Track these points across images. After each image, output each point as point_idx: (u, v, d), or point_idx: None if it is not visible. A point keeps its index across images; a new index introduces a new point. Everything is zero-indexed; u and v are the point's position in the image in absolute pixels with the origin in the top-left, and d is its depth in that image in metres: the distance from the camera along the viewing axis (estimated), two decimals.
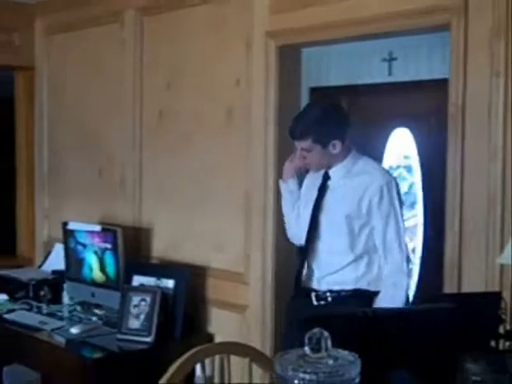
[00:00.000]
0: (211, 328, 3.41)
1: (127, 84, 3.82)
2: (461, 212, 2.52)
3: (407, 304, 2.54)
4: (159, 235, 3.69)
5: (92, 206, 4.04)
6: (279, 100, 3.08)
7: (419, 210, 4.12)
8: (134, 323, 3.18)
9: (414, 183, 4.15)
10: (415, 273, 4.13)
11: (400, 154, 4.20)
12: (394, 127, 4.17)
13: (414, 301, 4.08)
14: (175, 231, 3.61)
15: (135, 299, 3.22)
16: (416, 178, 4.14)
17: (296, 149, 2.62)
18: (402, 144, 4.17)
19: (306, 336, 1.25)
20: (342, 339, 1.28)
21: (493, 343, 1.61)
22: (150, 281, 3.32)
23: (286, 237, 2.86)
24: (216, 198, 3.40)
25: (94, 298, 3.57)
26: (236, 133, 3.28)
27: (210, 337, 3.37)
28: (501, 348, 1.64)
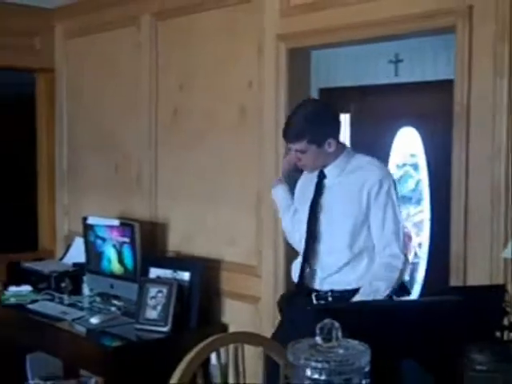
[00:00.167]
0: (225, 318, 3.46)
1: (143, 85, 3.89)
2: (466, 208, 2.56)
3: (401, 292, 2.50)
4: (174, 229, 3.75)
5: (110, 202, 4.11)
6: (289, 101, 3.11)
7: (426, 206, 4.14)
8: (152, 314, 3.23)
9: (421, 180, 4.17)
10: (422, 267, 4.16)
11: (406, 153, 4.21)
12: (401, 126, 4.18)
13: (422, 294, 4.16)
14: (190, 226, 3.66)
15: (152, 291, 3.27)
16: (422, 176, 4.16)
17: (289, 150, 2.60)
18: (409, 143, 4.18)
19: (318, 326, 1.27)
20: (352, 330, 1.29)
21: (497, 334, 1.61)
22: (167, 273, 3.37)
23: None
24: (228, 195, 3.45)
25: (113, 290, 3.61)
26: (248, 132, 3.33)
27: (224, 327, 3.41)
28: (505, 339, 1.65)
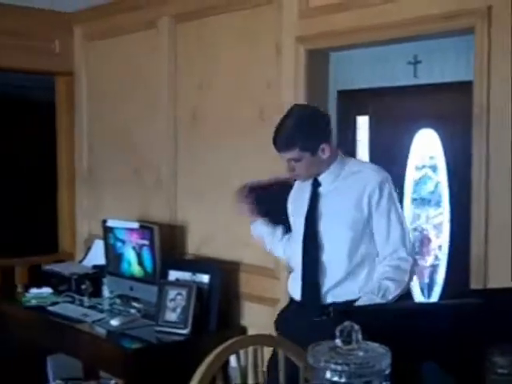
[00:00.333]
0: (244, 321, 3.46)
1: (162, 88, 3.91)
2: (486, 210, 2.55)
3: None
4: (194, 232, 3.76)
5: (130, 204, 4.13)
6: (308, 103, 3.09)
7: (445, 209, 4.12)
8: (171, 316, 3.23)
9: (440, 182, 4.14)
10: (442, 269, 4.14)
11: (425, 155, 4.19)
12: (420, 128, 4.16)
13: (442, 296, 4.13)
14: (209, 228, 3.67)
15: (171, 293, 3.28)
16: (441, 178, 4.13)
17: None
18: (428, 144, 4.16)
19: (338, 329, 1.27)
20: (372, 332, 1.29)
21: None
22: (186, 276, 3.38)
23: None
24: None
25: (133, 292, 3.62)
26: (267, 133, 3.24)
27: (243, 330, 3.42)
28: None
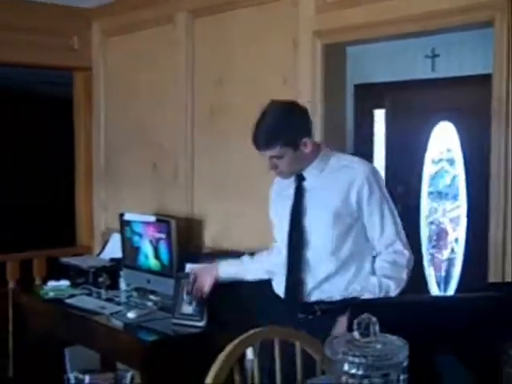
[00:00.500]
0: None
1: (179, 82, 3.93)
2: (505, 203, 2.55)
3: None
4: (210, 225, 3.78)
5: (147, 198, 4.16)
6: (325, 97, 3.13)
7: (462, 202, 4.12)
8: (187, 309, 3.20)
9: (457, 176, 4.14)
10: (458, 263, 4.14)
11: (443, 148, 4.19)
12: (437, 121, 4.16)
13: (458, 289, 4.12)
14: (226, 222, 3.69)
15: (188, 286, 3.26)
16: (458, 171, 4.13)
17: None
18: (445, 138, 4.16)
19: (355, 321, 1.28)
20: (390, 325, 1.29)
21: None
22: None
23: None
24: (264, 191, 3.45)
25: (150, 285, 3.62)
26: None
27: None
28: None
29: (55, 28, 4.33)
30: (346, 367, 1.25)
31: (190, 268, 3.41)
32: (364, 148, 4.33)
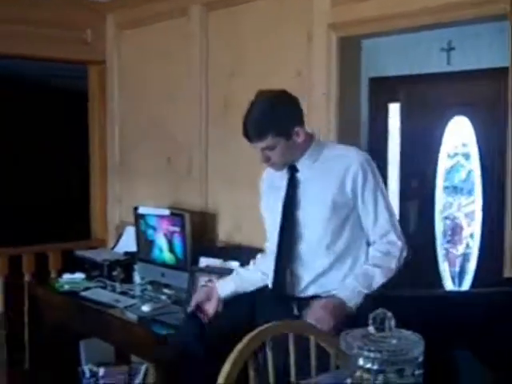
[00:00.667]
0: None
1: (193, 75, 3.92)
2: None
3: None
4: (225, 219, 3.78)
5: (161, 192, 4.16)
6: (339, 90, 3.11)
7: (477, 196, 4.09)
8: None
9: (472, 170, 4.11)
10: (473, 258, 4.12)
11: (458, 142, 4.15)
12: (453, 116, 4.12)
13: (473, 284, 4.10)
14: (240, 215, 3.68)
15: (202, 279, 3.28)
16: (474, 166, 4.10)
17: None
18: (460, 132, 4.12)
19: (371, 316, 1.28)
20: (405, 320, 1.29)
21: None
22: (216, 262, 3.38)
23: None
24: None
25: (164, 278, 3.63)
26: None
27: None
28: None
29: (69, 21, 4.34)
30: (361, 362, 1.25)
31: (204, 263, 3.42)
32: (378, 142, 4.30)
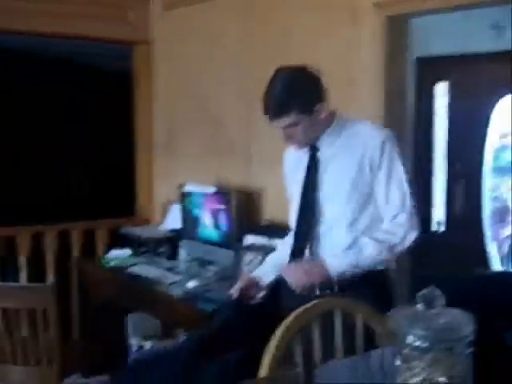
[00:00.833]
0: None
1: (237, 55, 3.93)
2: None
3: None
4: (269, 197, 3.79)
5: (206, 169, 4.18)
6: (387, 71, 3.09)
7: None
8: None
9: None
10: None
11: (507, 123, 4.07)
12: (502, 95, 4.04)
13: None
14: (284, 194, 3.74)
15: (247, 257, 3.31)
16: None
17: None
18: (510, 112, 4.03)
19: (419, 294, 1.27)
20: (457, 300, 1.28)
21: None
22: (261, 240, 3.37)
23: None
24: None
25: (209, 255, 3.68)
26: (343, 102, 3.34)
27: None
28: None
29: (113, 1, 4.37)
30: (410, 339, 1.24)
31: (249, 241, 3.45)
32: (425, 121, 4.25)
